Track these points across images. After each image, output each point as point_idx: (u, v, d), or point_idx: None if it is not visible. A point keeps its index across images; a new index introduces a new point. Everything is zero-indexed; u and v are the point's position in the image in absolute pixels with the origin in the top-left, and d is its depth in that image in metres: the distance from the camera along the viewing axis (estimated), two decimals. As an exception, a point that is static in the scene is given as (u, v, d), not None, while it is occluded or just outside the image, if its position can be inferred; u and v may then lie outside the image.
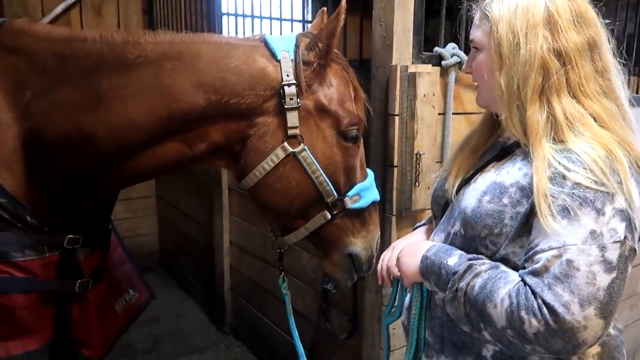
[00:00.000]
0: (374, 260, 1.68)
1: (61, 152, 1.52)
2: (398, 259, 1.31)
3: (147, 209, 4.73)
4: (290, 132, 1.45)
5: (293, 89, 1.43)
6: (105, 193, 1.71)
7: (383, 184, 1.99)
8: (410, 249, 1.29)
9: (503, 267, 1.08)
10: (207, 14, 3.64)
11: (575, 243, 0.95)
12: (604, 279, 0.94)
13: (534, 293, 0.97)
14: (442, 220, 1.30)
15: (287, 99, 1.43)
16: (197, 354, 3.42)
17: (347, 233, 1.61)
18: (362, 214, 1.62)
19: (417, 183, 1.90)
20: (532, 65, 1.08)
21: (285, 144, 1.45)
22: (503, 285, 1.02)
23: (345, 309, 2.45)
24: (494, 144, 1.27)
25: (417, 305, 1.28)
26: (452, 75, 1.98)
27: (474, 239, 1.16)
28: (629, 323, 2.95)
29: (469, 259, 1.11)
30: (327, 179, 1.50)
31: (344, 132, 1.52)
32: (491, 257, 1.13)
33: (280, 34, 2.54)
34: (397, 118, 1.91)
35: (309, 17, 4.98)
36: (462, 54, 1.98)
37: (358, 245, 1.62)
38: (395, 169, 1.94)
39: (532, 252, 1.01)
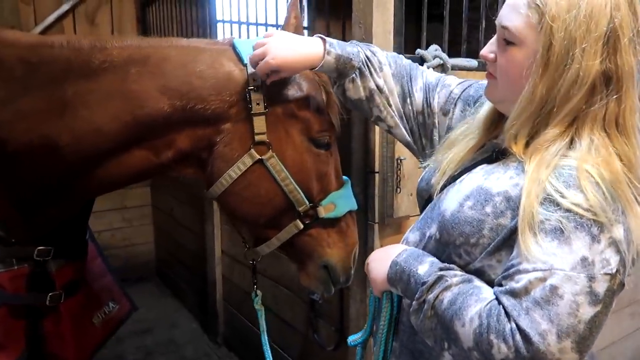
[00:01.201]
0: (352, 272, 1.62)
1: (26, 161, 1.49)
2: (367, 264, 1.23)
3: (142, 218, 4.70)
4: (257, 138, 1.39)
5: (259, 93, 1.38)
6: (75, 202, 1.67)
7: (365, 190, 1.93)
8: (381, 253, 1.20)
9: (477, 282, 1.00)
10: (202, 21, 3.61)
11: (563, 268, 0.87)
12: (587, 312, 0.86)
13: (508, 315, 0.89)
14: (421, 217, 1.22)
15: (254, 104, 1.38)
16: (189, 365, 3.36)
17: (322, 243, 1.55)
18: (338, 224, 1.56)
19: (398, 189, 1.84)
20: (582, 86, 0.93)
21: (253, 150, 1.40)
22: (474, 302, 0.94)
23: (332, 320, 2.39)
24: (489, 145, 1.15)
25: (386, 316, 1.19)
26: (435, 78, 1.92)
27: (447, 245, 1.08)
28: (630, 332, 2.85)
29: (441, 269, 1.03)
30: (297, 187, 1.44)
31: (315, 138, 1.47)
32: (464, 268, 1.05)
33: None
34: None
35: (305, 24, 4.97)
36: (444, 56, 1.92)
37: (334, 256, 1.56)
38: (377, 175, 1.88)
39: (513, 269, 0.92)
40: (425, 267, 1.05)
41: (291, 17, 1.59)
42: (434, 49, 1.95)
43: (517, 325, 0.87)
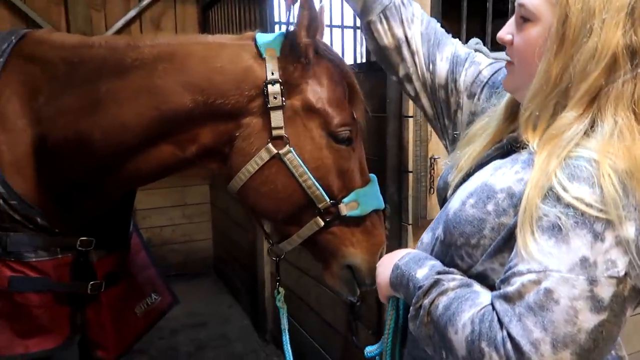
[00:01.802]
0: None
1: (63, 155, 1.57)
2: (376, 269, 1.17)
3: (202, 216, 4.86)
4: (274, 132, 1.38)
5: (277, 87, 1.36)
6: (110, 196, 1.74)
7: (399, 190, 1.86)
8: (387, 258, 1.14)
9: (476, 287, 0.92)
10: (260, 23, 3.67)
11: (559, 269, 0.77)
12: (588, 320, 0.76)
13: (500, 322, 0.81)
14: (435, 218, 1.16)
15: (271, 97, 1.36)
16: (237, 361, 3.43)
17: (345, 243, 1.49)
18: (363, 223, 1.50)
19: (432, 189, 1.76)
20: (600, 60, 0.85)
21: (270, 145, 1.39)
22: (468, 308, 0.87)
23: (370, 322, 2.33)
24: (507, 139, 1.04)
25: (390, 324, 1.13)
26: (475, 73, 1.81)
27: (450, 246, 1.00)
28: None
29: (439, 272, 0.96)
30: (316, 182, 1.41)
31: (335, 133, 1.42)
32: (467, 272, 0.97)
33: (331, 40, 2.48)
34: (411, 120, 1.78)
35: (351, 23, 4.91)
36: (485, 49, 1.80)
37: (358, 256, 1.50)
38: (410, 175, 1.81)
39: (509, 272, 0.84)
40: (425, 270, 0.99)
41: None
42: (475, 42, 1.83)
43: (508, 333, 0.79)
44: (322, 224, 1.46)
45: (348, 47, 2.53)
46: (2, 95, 1.63)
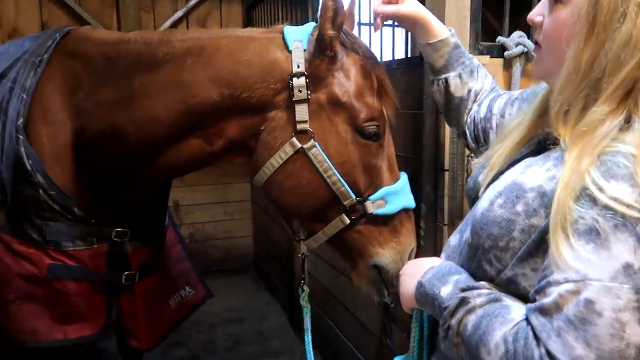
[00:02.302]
0: None
1: (100, 148, 1.62)
2: (399, 276, 1.12)
3: (243, 213, 4.92)
4: (299, 126, 1.36)
5: (302, 80, 1.34)
6: (144, 188, 1.78)
7: (434, 189, 1.80)
8: (412, 267, 1.09)
9: (506, 300, 0.86)
10: (303, 21, 3.68)
11: (600, 278, 0.71)
12: (637, 333, 0.69)
13: (537, 338, 0.75)
14: (464, 219, 1.10)
15: (296, 91, 1.35)
16: (272, 358, 3.43)
17: (372, 242, 1.45)
18: (391, 222, 1.45)
19: (469, 189, 1.68)
20: (636, 50, 0.78)
21: (294, 139, 1.37)
22: (499, 325, 0.81)
23: (404, 325, 2.27)
24: (540, 134, 0.99)
25: (415, 337, 1.08)
26: (517, 67, 1.73)
27: (477, 249, 0.95)
28: None
29: (463, 289, 0.90)
30: (341, 178, 1.37)
31: (361, 127, 1.38)
32: (496, 277, 0.91)
33: (381, 40, 2.45)
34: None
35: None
36: (529, 43, 1.72)
37: (385, 256, 1.45)
38: (447, 173, 1.75)
39: (544, 281, 0.77)
40: (449, 288, 0.93)
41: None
42: (518, 35, 1.75)
43: (547, 350, 0.72)
44: (348, 221, 1.42)
45: (386, 44, 2.48)
46: (46, 90, 1.69)
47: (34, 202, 1.65)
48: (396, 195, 1.43)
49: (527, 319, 0.78)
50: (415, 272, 1.04)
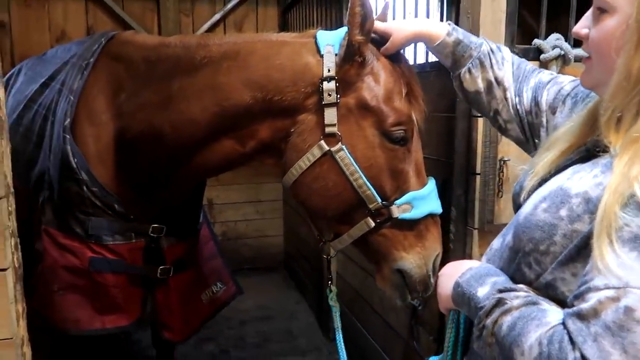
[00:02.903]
0: (432, 281, 1.49)
1: (140, 148, 1.69)
2: (438, 276, 1.13)
3: (274, 212, 4.97)
4: (327, 130, 1.38)
5: (332, 84, 1.37)
6: (182, 187, 1.84)
7: (466, 193, 1.79)
8: (450, 269, 1.10)
9: (543, 304, 0.86)
10: (339, 23, 3.70)
11: None
12: None
13: (572, 342, 0.75)
14: (509, 223, 1.09)
15: (325, 94, 1.37)
16: (300, 356, 3.47)
17: (396, 246, 1.46)
18: (417, 227, 1.46)
19: (500, 193, 1.68)
20: None
21: (322, 142, 1.39)
22: (535, 328, 0.81)
23: (431, 328, 2.26)
24: (589, 142, 0.98)
25: (450, 338, 1.09)
26: (554, 71, 1.70)
27: (517, 252, 0.96)
28: None
29: (500, 291, 0.91)
30: (367, 182, 1.39)
31: (388, 132, 1.40)
32: (535, 281, 0.92)
33: (415, 43, 2.44)
34: (480, 120, 1.71)
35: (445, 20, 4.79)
36: (566, 45, 1.70)
37: (409, 261, 1.46)
38: (478, 177, 1.74)
39: (584, 287, 0.77)
40: (486, 289, 0.94)
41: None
42: (555, 38, 1.73)
43: (582, 354, 0.73)
44: (373, 224, 1.44)
45: (420, 46, 2.48)
46: (91, 92, 1.78)
47: (78, 198, 1.74)
48: (423, 200, 1.44)
49: (563, 323, 0.78)
50: (454, 273, 1.05)
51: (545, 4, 1.80)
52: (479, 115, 1.71)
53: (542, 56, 1.72)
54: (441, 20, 2.64)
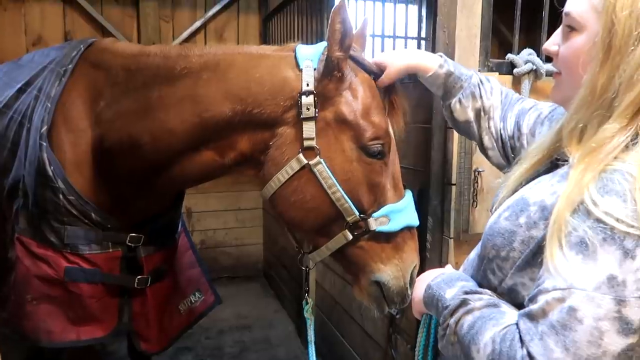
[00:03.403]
0: (409, 292, 1.49)
1: (118, 156, 1.67)
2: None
3: (254, 220, 4.96)
4: (306, 143, 1.39)
5: (310, 98, 1.38)
6: (161, 196, 1.83)
7: (441, 203, 1.83)
8: (426, 275, 1.15)
9: (503, 307, 0.91)
10: (321, 34, 3.72)
11: (584, 288, 0.75)
12: (614, 342, 0.73)
13: (522, 341, 0.79)
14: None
15: (304, 108, 1.38)
16: (278, 365, 3.46)
17: (374, 258, 1.46)
18: (394, 239, 1.47)
19: (475, 203, 1.71)
20: None
21: (301, 155, 1.40)
22: (491, 327, 0.86)
23: (409, 337, 2.28)
24: (556, 154, 1.03)
25: (421, 341, 1.13)
26: (526, 85, 1.76)
27: (483, 259, 1.00)
28: None
29: (466, 292, 0.96)
30: (345, 195, 1.40)
31: (366, 146, 1.41)
32: (498, 286, 0.96)
33: (382, 50, 2.48)
34: (456, 132, 1.74)
35: (424, 34, 4.86)
36: (538, 61, 1.75)
37: (387, 273, 1.46)
38: (454, 187, 1.77)
39: (536, 289, 0.82)
40: (454, 290, 0.99)
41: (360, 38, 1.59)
42: (527, 53, 1.78)
43: (528, 352, 0.77)
44: (350, 237, 1.44)
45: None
46: (69, 99, 1.76)
47: (54, 206, 1.71)
48: (399, 213, 1.45)
49: (517, 323, 0.83)
50: (428, 278, 1.10)
51: (518, 20, 1.85)
52: (455, 127, 1.75)
53: (515, 70, 1.77)
54: (419, 33, 2.70)
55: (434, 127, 1.85)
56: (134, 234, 1.83)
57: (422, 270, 1.94)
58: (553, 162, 1.00)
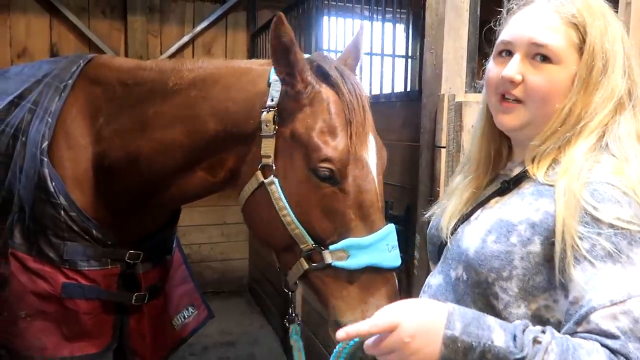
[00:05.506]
0: None
1: (118, 174, 1.67)
2: (403, 342, 0.82)
3: (239, 235, 4.93)
4: (263, 161, 1.36)
5: (270, 114, 1.35)
6: (158, 213, 1.83)
7: (429, 220, 1.85)
8: (419, 328, 0.83)
9: (556, 333, 0.82)
10: (309, 50, 3.76)
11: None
12: None
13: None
14: (440, 262, 1.15)
15: (264, 125, 1.36)
16: (263, 383, 3.42)
17: (334, 295, 1.28)
18: (359, 278, 1.25)
19: (462, 221, 1.74)
20: (612, 100, 0.95)
21: (258, 172, 1.37)
22: (587, 357, 0.77)
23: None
24: (496, 177, 1.12)
25: None
26: (511, 106, 1.80)
27: (479, 285, 0.99)
28: None
29: (524, 331, 0.82)
30: (295, 219, 1.29)
31: (315, 168, 1.27)
32: (504, 310, 0.96)
33: (381, 72, 2.51)
34: (444, 151, 1.78)
35: (411, 52, 4.92)
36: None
37: (346, 315, 1.24)
38: (441, 206, 1.80)
39: (584, 310, 0.81)
40: (501, 335, 0.81)
41: (347, 59, 1.56)
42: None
43: None
44: (306, 267, 1.30)
45: (387, 76, 2.56)
46: (70, 115, 1.75)
47: (54, 222, 1.69)
48: (362, 249, 1.24)
49: (605, 346, 0.79)
50: (426, 332, 0.83)
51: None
52: (443, 146, 1.79)
53: (500, 92, 1.81)
54: (406, 52, 2.74)
55: (422, 145, 1.88)
56: (133, 251, 1.82)
57: (409, 287, 1.97)
58: (503, 183, 1.06)
